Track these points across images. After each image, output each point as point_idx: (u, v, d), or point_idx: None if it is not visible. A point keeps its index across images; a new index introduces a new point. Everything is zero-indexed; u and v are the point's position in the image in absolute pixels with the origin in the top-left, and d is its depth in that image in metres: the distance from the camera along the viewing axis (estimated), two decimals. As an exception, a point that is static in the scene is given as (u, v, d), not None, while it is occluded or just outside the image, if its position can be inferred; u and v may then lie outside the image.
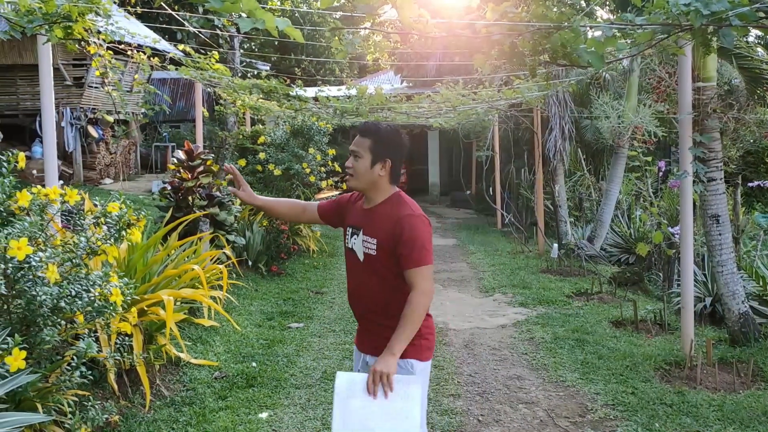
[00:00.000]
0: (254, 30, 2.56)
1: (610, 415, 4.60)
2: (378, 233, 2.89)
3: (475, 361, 5.75)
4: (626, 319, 6.80)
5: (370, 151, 2.92)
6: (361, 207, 3.06)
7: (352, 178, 2.97)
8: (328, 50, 24.73)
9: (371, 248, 2.91)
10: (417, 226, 2.85)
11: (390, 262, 2.87)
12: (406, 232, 2.82)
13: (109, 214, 4.01)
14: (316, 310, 7.31)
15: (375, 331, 2.98)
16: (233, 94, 9.95)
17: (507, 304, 7.79)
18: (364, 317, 3.08)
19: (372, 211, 2.98)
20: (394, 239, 2.84)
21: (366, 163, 2.91)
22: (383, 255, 2.88)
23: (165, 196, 8.17)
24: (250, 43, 23.26)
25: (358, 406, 2.66)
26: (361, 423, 2.64)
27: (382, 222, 2.90)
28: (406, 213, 2.88)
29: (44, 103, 5.15)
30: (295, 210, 3.37)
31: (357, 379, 2.72)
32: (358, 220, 3.02)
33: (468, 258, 10.74)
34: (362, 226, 2.97)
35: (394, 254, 2.85)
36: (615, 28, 3.22)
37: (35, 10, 3.80)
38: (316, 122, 10.52)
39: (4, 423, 2.76)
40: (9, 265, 3.34)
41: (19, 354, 2.99)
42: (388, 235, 2.86)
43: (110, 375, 4.32)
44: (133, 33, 6.21)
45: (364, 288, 3.00)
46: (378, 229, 2.90)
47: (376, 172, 2.92)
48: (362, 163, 2.92)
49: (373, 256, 2.90)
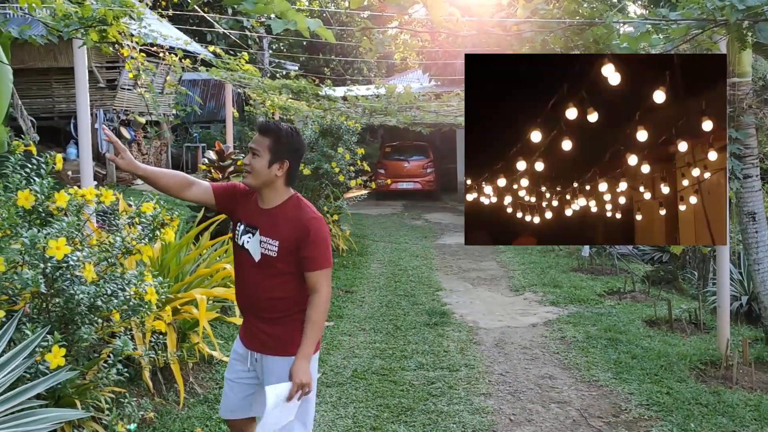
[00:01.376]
0: (283, 30, 2.58)
1: (645, 415, 4.56)
2: (280, 235, 2.92)
3: (506, 360, 5.73)
4: (660, 318, 6.72)
5: (269, 150, 2.95)
6: (256, 205, 3.06)
7: (249, 175, 2.99)
8: (356, 50, 24.79)
9: (271, 249, 2.93)
10: (322, 229, 2.95)
11: (289, 263, 2.93)
12: (311, 235, 2.89)
13: (143, 214, 4.07)
14: (346, 309, 7.33)
15: (263, 328, 3.02)
16: (263, 95, 10.03)
17: (538, 302, 7.74)
18: (255, 315, 3.07)
19: (271, 212, 3.00)
20: (297, 242, 2.89)
21: (264, 162, 2.94)
22: (284, 257, 2.92)
23: (196, 196, 8.25)
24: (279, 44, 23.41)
25: (279, 415, 2.85)
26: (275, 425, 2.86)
27: (284, 224, 2.94)
28: (310, 216, 2.95)
29: (80, 105, 5.24)
30: (180, 184, 3.16)
31: (280, 390, 2.85)
32: (254, 219, 3.02)
33: (497, 256, 10.69)
34: (259, 226, 2.98)
35: (296, 256, 2.91)
36: (649, 23, 3.19)
37: (72, 15, 3.86)
38: (344, 121, 10.56)
39: (45, 419, 2.82)
40: (48, 265, 3.40)
41: (59, 351, 3.05)
42: (291, 237, 2.90)
43: (145, 373, 4.38)
44: (165, 35, 6.29)
45: (257, 288, 3.01)
46: (280, 231, 2.93)
47: (273, 172, 2.96)
48: (260, 161, 2.95)
49: (273, 257, 2.93)
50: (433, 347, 6.00)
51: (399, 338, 6.26)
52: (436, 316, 7.03)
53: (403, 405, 4.72)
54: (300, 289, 2.96)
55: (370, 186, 12.66)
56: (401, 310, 7.29)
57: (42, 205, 3.64)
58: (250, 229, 3.01)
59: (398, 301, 7.74)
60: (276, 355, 2.98)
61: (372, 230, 13.34)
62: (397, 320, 6.88)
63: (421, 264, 10.04)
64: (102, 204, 3.98)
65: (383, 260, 10.32)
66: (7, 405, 2.81)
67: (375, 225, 14.09)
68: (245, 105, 14.99)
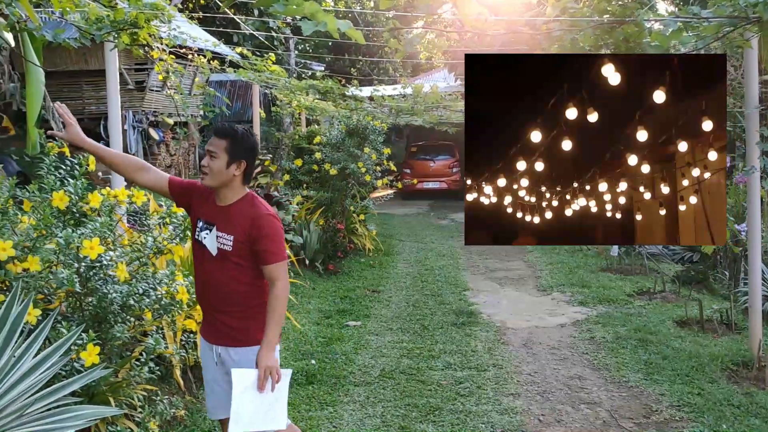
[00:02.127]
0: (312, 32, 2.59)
1: (676, 417, 4.51)
2: (234, 230, 3.03)
3: (534, 361, 5.70)
4: (691, 318, 6.64)
5: (227, 152, 3.05)
6: (214, 203, 3.15)
7: (207, 176, 3.08)
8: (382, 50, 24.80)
9: (227, 244, 3.04)
10: (274, 224, 3.06)
11: (244, 258, 3.03)
12: (264, 230, 3.01)
13: (174, 215, 4.12)
14: (373, 309, 7.35)
15: (223, 321, 3.12)
16: (290, 95, 10.09)
17: (566, 302, 7.69)
18: (215, 309, 3.15)
19: (226, 209, 3.10)
20: (251, 237, 3.00)
21: (222, 163, 3.05)
22: (238, 251, 3.03)
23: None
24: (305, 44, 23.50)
25: (248, 401, 2.92)
26: (251, 418, 2.92)
27: (239, 220, 3.04)
28: (263, 212, 3.05)
29: (111, 107, 5.32)
30: (133, 166, 3.28)
31: (247, 375, 2.95)
32: (212, 215, 3.13)
33: (524, 256, 10.64)
34: (216, 223, 3.09)
35: (251, 251, 3.02)
36: (680, 21, 3.16)
37: (104, 18, 3.93)
38: (371, 121, 10.58)
39: (81, 415, 2.87)
40: (82, 264, 3.46)
41: (94, 350, 3.11)
42: (245, 232, 3.01)
43: (176, 371, 4.43)
44: (194, 37, 6.36)
45: (215, 281, 3.10)
46: (234, 226, 3.04)
47: (231, 172, 3.06)
48: (218, 163, 3.05)
49: (228, 251, 3.04)
50: (461, 347, 5.99)
51: (426, 338, 6.26)
52: (464, 315, 7.02)
53: (431, 404, 4.73)
54: (256, 282, 3.07)
55: (397, 186, 12.63)
56: (428, 310, 7.29)
57: (76, 205, 3.71)
58: (207, 225, 3.12)
59: (425, 300, 7.74)
60: (240, 347, 3.08)
61: (398, 230, 13.35)
62: (424, 320, 6.88)
63: (448, 264, 10.03)
64: (133, 204, 4.05)
65: (410, 260, 10.33)
66: (44, 402, 2.87)
67: (401, 225, 14.09)
68: (272, 105, 15.07)
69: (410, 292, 8.15)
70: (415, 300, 7.75)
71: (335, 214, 10.09)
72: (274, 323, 3.00)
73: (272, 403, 2.97)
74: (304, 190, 10.48)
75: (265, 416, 2.94)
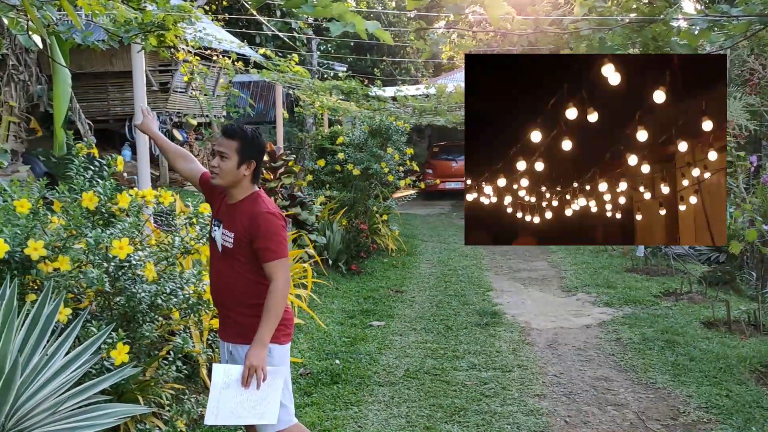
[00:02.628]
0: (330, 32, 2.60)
1: (704, 418, 4.46)
2: (236, 228, 3.09)
3: (559, 362, 5.67)
4: (718, 319, 6.56)
5: (237, 152, 3.10)
6: (225, 202, 3.22)
7: (217, 177, 3.12)
8: (403, 50, 24.79)
9: (228, 241, 3.11)
10: (273, 221, 3.07)
11: (245, 255, 3.08)
12: (262, 228, 3.04)
13: (201, 215, 4.15)
14: (397, 309, 7.35)
15: (233, 318, 3.16)
16: (313, 96, 10.13)
17: (591, 303, 7.64)
18: (224, 305, 3.21)
19: (233, 207, 3.17)
20: (250, 234, 3.05)
21: (233, 164, 3.09)
22: (239, 248, 3.08)
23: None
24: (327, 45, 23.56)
25: (230, 396, 2.96)
26: (231, 412, 2.95)
27: (241, 218, 3.10)
28: (262, 210, 3.08)
29: (137, 108, 5.36)
30: (177, 153, 3.57)
31: (232, 371, 3.01)
32: (221, 213, 3.20)
33: (548, 257, 10.58)
34: (223, 220, 3.16)
35: (251, 248, 3.06)
36: (709, 19, 3.12)
37: (132, 21, 3.97)
38: (394, 122, 10.58)
39: (111, 413, 2.90)
40: (111, 264, 3.50)
41: (123, 348, 3.14)
42: (245, 230, 3.06)
43: (202, 370, 4.47)
44: (219, 39, 6.40)
45: (223, 277, 3.17)
46: (236, 223, 3.10)
47: (241, 172, 3.12)
48: (229, 163, 3.09)
49: (230, 248, 3.11)
50: (485, 347, 5.97)
51: (450, 338, 6.25)
52: (488, 316, 7.00)
53: (456, 405, 4.72)
54: (263, 279, 3.08)
55: (419, 186, 12.63)
56: (452, 310, 7.27)
57: (105, 206, 3.75)
58: (217, 222, 3.20)
59: (449, 301, 7.72)
60: (248, 344, 3.08)
61: (421, 230, 13.34)
62: (448, 320, 6.87)
63: (471, 264, 10.00)
64: (161, 205, 4.08)
65: (432, 260, 10.31)
66: (75, 399, 2.91)
67: (424, 225, 14.08)
68: (294, 106, 15.14)
69: (434, 293, 8.14)
70: (439, 300, 7.74)
71: (358, 215, 10.11)
72: (267, 322, 3.00)
73: (260, 400, 3.00)
74: (327, 190, 10.51)
75: (252, 411, 2.98)
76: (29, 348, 2.96)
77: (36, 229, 3.54)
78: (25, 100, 12.02)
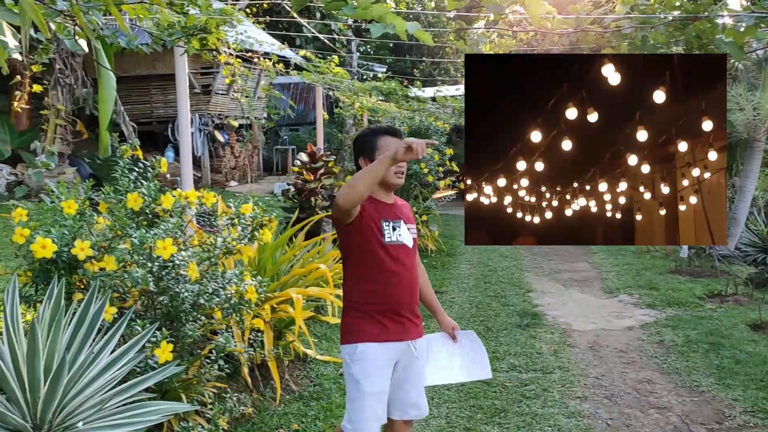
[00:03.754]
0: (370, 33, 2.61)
1: (750, 423, 4.37)
2: (413, 220, 3.24)
3: (601, 364, 5.59)
4: (765, 322, 6.41)
5: None
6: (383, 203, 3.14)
7: (402, 177, 3.15)
8: (442, 50, 24.71)
9: (413, 233, 3.19)
10: None
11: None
12: None
13: (242, 216, 4.20)
14: (437, 310, 7.32)
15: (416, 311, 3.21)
16: (352, 97, 10.16)
17: (633, 305, 7.52)
18: (411, 305, 3.19)
19: (394, 204, 3.21)
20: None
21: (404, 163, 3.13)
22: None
23: (289, 198, 8.43)
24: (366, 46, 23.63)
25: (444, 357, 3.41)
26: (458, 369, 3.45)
27: (407, 210, 3.25)
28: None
29: (180, 110, 5.46)
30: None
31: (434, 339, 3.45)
32: (391, 214, 3.15)
33: (590, 258, 10.45)
34: (400, 218, 3.17)
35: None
36: (756, 16, 3.06)
37: (175, 24, 4.03)
38: (433, 122, 10.56)
39: (156, 411, 2.96)
40: (155, 264, 3.56)
41: (167, 347, 3.19)
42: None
43: (244, 369, 4.51)
44: (260, 41, 6.47)
45: (414, 274, 3.20)
46: (411, 216, 3.25)
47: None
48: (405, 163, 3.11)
49: (416, 239, 3.22)
50: (526, 349, 5.92)
51: (490, 339, 6.22)
52: (528, 317, 6.94)
53: (496, 406, 4.69)
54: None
55: (459, 186, 12.57)
56: (492, 311, 7.23)
57: (149, 207, 3.81)
58: (395, 224, 3.13)
59: (488, 302, 7.68)
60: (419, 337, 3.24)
61: (460, 231, 13.28)
62: (488, 321, 6.83)
63: (511, 265, 9.93)
64: (203, 206, 4.14)
65: (472, 261, 10.27)
66: (121, 396, 2.97)
67: (463, 226, 14.01)
68: (334, 107, 15.22)
69: (473, 293, 8.10)
70: (479, 301, 7.71)
71: (397, 215, 10.10)
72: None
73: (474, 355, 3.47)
74: (367, 191, 10.53)
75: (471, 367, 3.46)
76: (76, 346, 3.03)
77: (82, 229, 3.62)
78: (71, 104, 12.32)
